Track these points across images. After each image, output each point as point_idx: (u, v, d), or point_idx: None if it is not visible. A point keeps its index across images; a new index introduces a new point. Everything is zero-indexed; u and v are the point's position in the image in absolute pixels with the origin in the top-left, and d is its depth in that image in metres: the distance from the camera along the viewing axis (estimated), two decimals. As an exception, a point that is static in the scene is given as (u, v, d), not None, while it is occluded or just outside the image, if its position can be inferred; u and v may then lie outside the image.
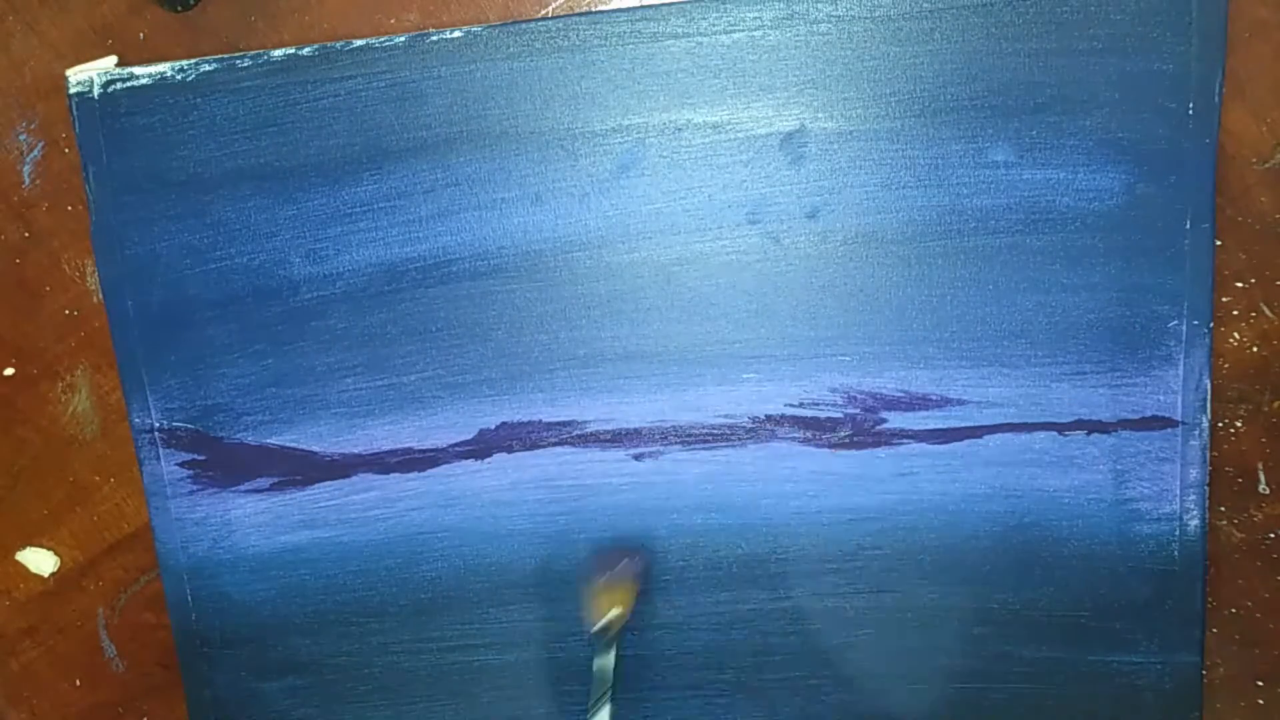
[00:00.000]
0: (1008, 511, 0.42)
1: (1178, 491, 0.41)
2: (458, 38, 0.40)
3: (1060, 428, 0.41)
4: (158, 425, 0.44)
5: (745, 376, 0.42)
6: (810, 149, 0.40)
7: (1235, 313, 0.41)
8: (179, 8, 0.42)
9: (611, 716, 0.38)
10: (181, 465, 0.44)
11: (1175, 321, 0.40)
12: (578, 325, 0.42)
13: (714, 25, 0.40)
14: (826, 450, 0.42)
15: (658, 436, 0.42)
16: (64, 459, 0.46)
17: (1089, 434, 0.41)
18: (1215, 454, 0.42)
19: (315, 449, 0.43)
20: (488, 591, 0.44)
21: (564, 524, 0.43)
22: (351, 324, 0.42)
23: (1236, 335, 0.41)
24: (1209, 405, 0.40)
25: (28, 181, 0.44)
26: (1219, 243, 0.40)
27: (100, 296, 0.44)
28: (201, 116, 0.41)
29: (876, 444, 0.42)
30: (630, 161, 0.41)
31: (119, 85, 0.41)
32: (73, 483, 0.46)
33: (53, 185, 0.44)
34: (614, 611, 0.40)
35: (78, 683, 0.48)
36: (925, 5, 0.39)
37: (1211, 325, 0.40)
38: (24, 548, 0.47)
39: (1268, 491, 0.42)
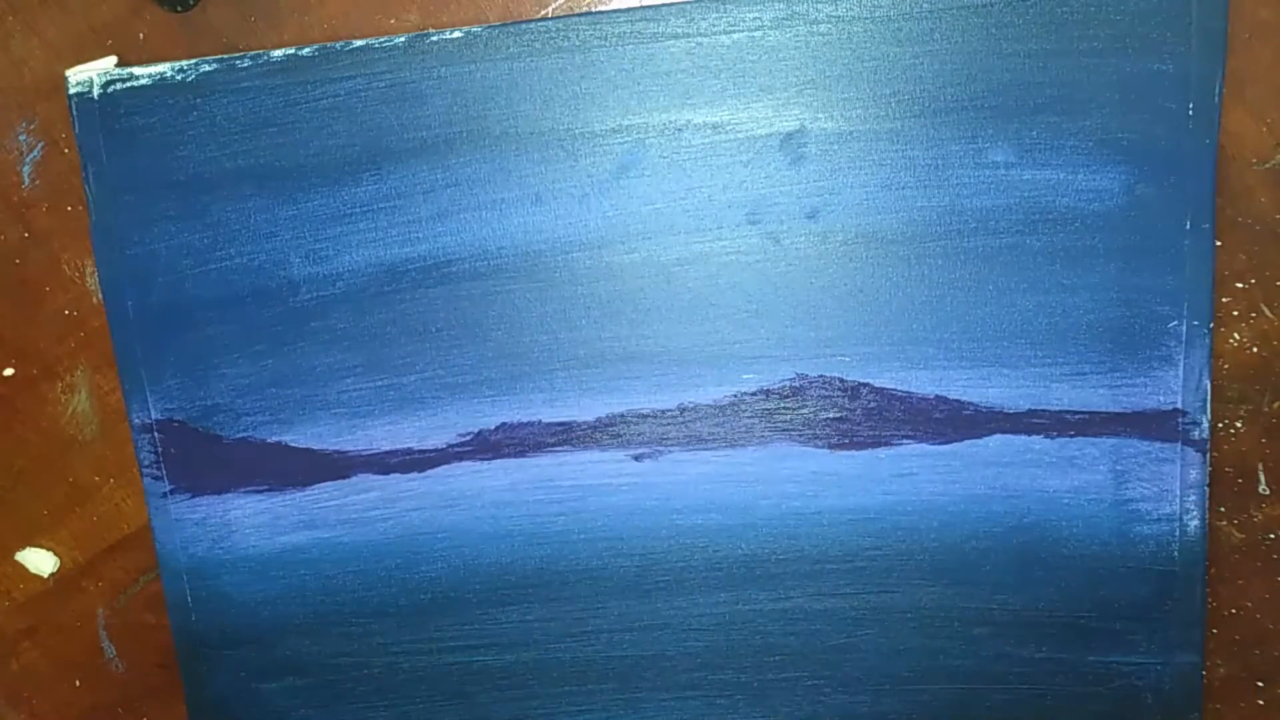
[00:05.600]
0: (1008, 512, 0.42)
1: (1178, 492, 0.41)
2: (458, 38, 0.40)
3: (1060, 428, 0.41)
4: (157, 425, 0.44)
5: (745, 376, 0.42)
6: (810, 149, 0.40)
7: (1235, 313, 0.41)
8: (179, 8, 0.42)
9: None
10: (181, 466, 0.44)
11: (1175, 321, 0.40)
12: (578, 325, 0.42)
13: (714, 25, 0.40)
14: (826, 450, 0.42)
15: (658, 437, 0.42)
16: (64, 459, 0.46)
17: (1089, 435, 0.41)
18: (1215, 454, 0.42)
19: (315, 449, 0.43)
20: (488, 592, 0.44)
21: (564, 524, 0.43)
22: (351, 324, 0.42)
23: (1236, 335, 0.41)
24: (1209, 405, 0.40)
25: (28, 181, 0.44)
26: (1219, 243, 0.40)
27: (100, 296, 0.44)
28: (201, 116, 0.41)
29: (876, 444, 0.42)
30: (630, 162, 0.41)
31: (119, 85, 0.41)
32: (72, 483, 0.46)
33: (53, 185, 0.44)
34: None
35: (78, 683, 0.48)
36: (925, 5, 0.39)
37: (1211, 325, 0.40)
38: (24, 548, 0.47)
39: (1268, 492, 0.42)
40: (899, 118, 0.40)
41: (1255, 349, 0.41)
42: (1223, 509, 0.43)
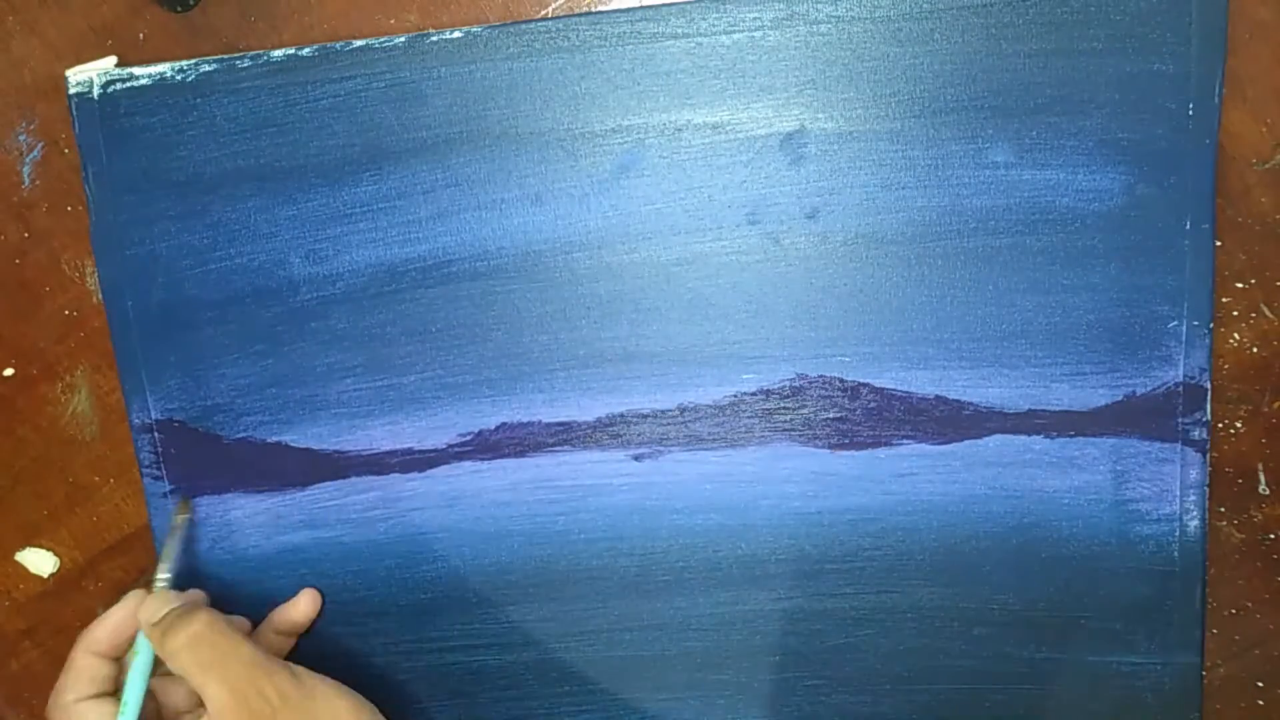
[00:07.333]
0: (1007, 512, 0.42)
1: (1178, 492, 0.41)
2: (458, 38, 0.40)
3: (1060, 428, 0.41)
4: (157, 426, 0.44)
5: (745, 376, 0.42)
6: (810, 149, 0.40)
7: (1235, 313, 0.41)
8: (179, 8, 0.42)
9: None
10: (181, 466, 0.44)
11: (1175, 322, 0.40)
12: (577, 325, 0.42)
13: (714, 25, 0.40)
14: (826, 450, 0.42)
15: (658, 437, 0.42)
16: (64, 459, 0.46)
17: (1089, 435, 0.41)
18: (1215, 454, 0.42)
19: (315, 449, 0.43)
20: (488, 592, 0.44)
21: (564, 524, 0.43)
22: (351, 324, 0.42)
23: (1236, 336, 0.41)
24: (1209, 405, 0.40)
25: (28, 182, 0.44)
26: (1219, 243, 0.40)
27: (100, 296, 0.44)
28: (201, 116, 0.41)
29: (876, 444, 0.42)
30: (630, 162, 0.41)
31: (119, 85, 0.41)
32: (72, 483, 0.46)
33: (53, 185, 0.44)
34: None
35: (77, 683, 0.48)
36: (925, 5, 0.39)
37: (1211, 325, 0.40)
38: (24, 548, 0.47)
39: (1268, 492, 0.42)
40: (899, 118, 0.40)
41: (1255, 349, 0.41)
42: (1223, 509, 0.43)
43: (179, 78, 0.41)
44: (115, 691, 0.39)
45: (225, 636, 0.37)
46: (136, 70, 0.41)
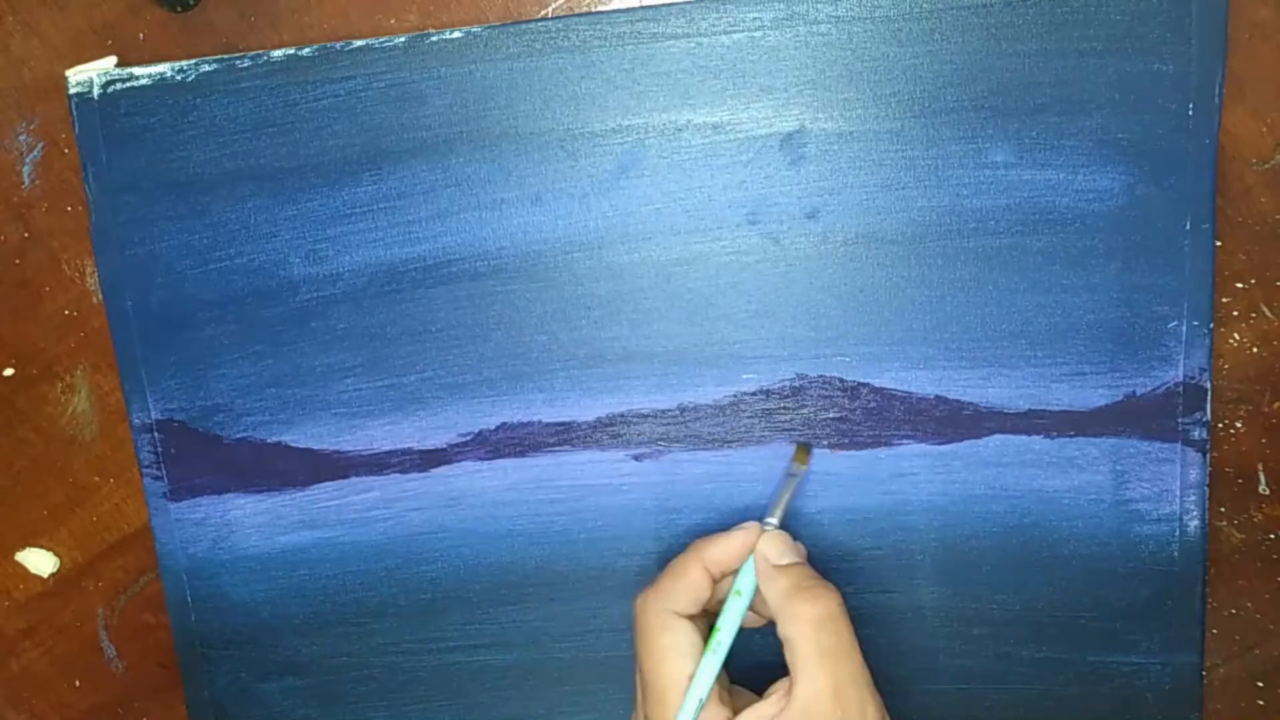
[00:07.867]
0: (1007, 512, 0.42)
1: (1177, 492, 0.41)
2: (458, 38, 0.40)
3: (1060, 428, 0.41)
4: (157, 426, 0.44)
5: (745, 376, 0.42)
6: (810, 149, 0.40)
7: (1235, 313, 0.41)
8: (179, 8, 0.42)
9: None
10: (181, 466, 0.44)
11: (1175, 322, 0.40)
12: (577, 325, 0.42)
13: (714, 25, 0.40)
14: (826, 450, 0.42)
15: (658, 437, 0.42)
16: (64, 459, 0.46)
17: (1088, 435, 0.41)
18: (1215, 454, 0.42)
19: (315, 449, 0.43)
20: (488, 591, 0.44)
21: (564, 524, 0.43)
22: (351, 324, 0.42)
23: (1236, 336, 0.41)
24: (1209, 405, 0.40)
25: (27, 182, 0.44)
26: (1219, 243, 0.40)
27: (100, 297, 0.44)
28: (201, 117, 0.41)
29: (876, 444, 0.42)
30: (630, 162, 0.41)
31: (119, 85, 0.41)
32: (72, 483, 0.46)
33: (53, 185, 0.44)
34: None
35: (77, 683, 0.48)
36: (925, 5, 0.39)
37: (1211, 326, 0.40)
38: (23, 548, 0.47)
39: (1268, 492, 0.42)
40: (899, 118, 0.40)
41: (1255, 349, 0.41)
42: (1223, 509, 0.43)
43: (179, 78, 0.41)
44: (696, 616, 0.37)
45: (850, 630, 0.35)
46: (136, 70, 0.41)
